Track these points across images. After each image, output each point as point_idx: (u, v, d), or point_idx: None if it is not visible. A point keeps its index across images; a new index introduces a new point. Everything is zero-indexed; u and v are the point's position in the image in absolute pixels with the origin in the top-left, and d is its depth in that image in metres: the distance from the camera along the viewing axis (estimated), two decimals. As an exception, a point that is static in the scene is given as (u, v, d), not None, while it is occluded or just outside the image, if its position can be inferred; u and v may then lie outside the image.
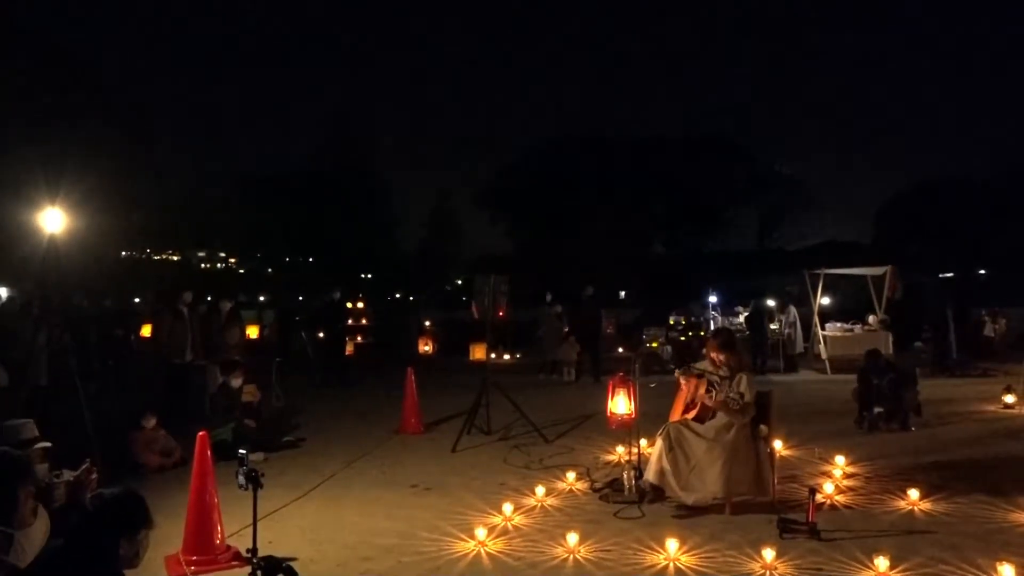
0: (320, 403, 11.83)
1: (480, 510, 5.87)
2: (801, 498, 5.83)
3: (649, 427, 6.87)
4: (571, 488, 6.48)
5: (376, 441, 8.74)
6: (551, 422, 9.61)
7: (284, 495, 6.36)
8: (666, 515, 5.68)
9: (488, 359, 10.29)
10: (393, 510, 6.00)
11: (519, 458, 7.76)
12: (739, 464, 5.57)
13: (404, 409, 9.40)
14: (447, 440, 8.51)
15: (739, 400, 5.65)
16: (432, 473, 7.20)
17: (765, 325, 15.40)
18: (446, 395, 12.09)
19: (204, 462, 4.97)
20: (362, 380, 14.52)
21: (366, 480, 7.00)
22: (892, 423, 8.87)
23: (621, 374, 6.54)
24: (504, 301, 9.15)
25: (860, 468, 6.96)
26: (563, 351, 14.93)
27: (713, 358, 6.01)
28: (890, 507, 5.77)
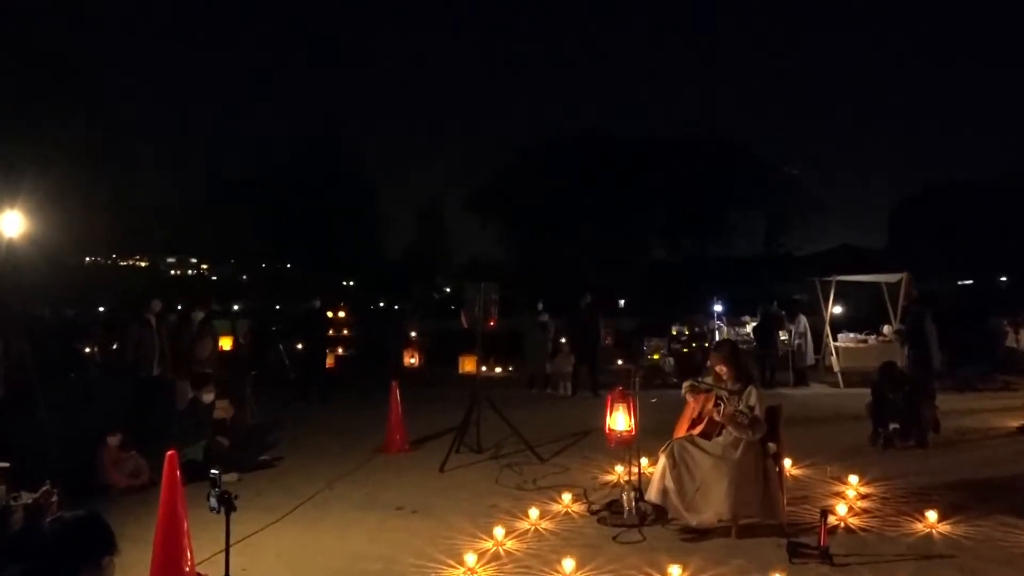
0: (298, 419, 11.78)
1: (470, 534, 5.85)
2: (812, 520, 5.83)
3: (650, 445, 6.87)
4: (567, 510, 6.47)
5: (358, 460, 8.70)
6: (546, 440, 9.59)
7: (259, 518, 6.32)
8: (668, 538, 5.68)
9: (478, 372, 10.29)
10: (376, 534, 5.98)
11: (511, 478, 7.74)
12: (747, 483, 5.57)
13: (388, 426, 9.37)
14: (434, 459, 8.48)
15: (748, 415, 5.65)
16: (418, 494, 7.17)
17: (775, 335, 15.42)
18: (433, 411, 12.06)
19: (173, 483, 4.93)
20: (343, 395, 14.47)
21: (347, 502, 6.97)
22: (908, 440, 8.88)
23: (620, 388, 6.54)
24: (495, 310, 9.15)
25: (875, 488, 6.97)
26: (556, 364, 14.93)
27: (718, 372, 6.02)
28: (907, 530, 5.78)
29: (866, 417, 9.39)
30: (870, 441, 9.04)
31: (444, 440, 9.33)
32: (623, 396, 6.43)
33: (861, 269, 17.39)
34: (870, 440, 9.05)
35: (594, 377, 14.44)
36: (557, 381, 14.95)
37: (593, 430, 9.74)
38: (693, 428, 5.99)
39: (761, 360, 15.23)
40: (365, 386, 15.29)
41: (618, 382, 7.13)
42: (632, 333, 23.52)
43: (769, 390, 13.93)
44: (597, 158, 43.99)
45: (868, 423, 9.27)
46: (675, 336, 18.53)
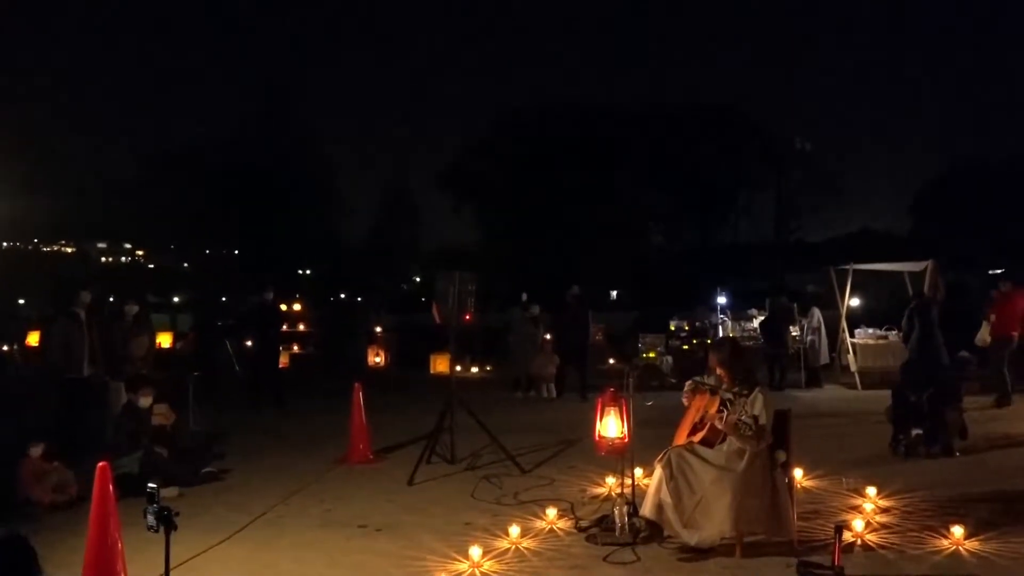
0: (248, 427, 11.75)
1: (442, 555, 5.87)
2: (825, 537, 5.88)
3: (645, 453, 6.90)
4: (552, 527, 6.49)
5: (316, 473, 8.69)
6: (528, 448, 9.61)
7: (204, 538, 6.30)
8: (665, 558, 5.71)
9: (452, 373, 10.26)
10: (337, 556, 5.97)
11: (489, 492, 7.76)
12: (752, 497, 5.61)
13: (350, 434, 9.36)
14: (402, 471, 8.48)
15: (752, 425, 5.66)
16: (384, 511, 7.17)
17: (785, 331, 15.53)
18: (401, 416, 12.04)
19: (105, 499, 4.90)
20: (299, 398, 14.42)
21: (304, 520, 6.96)
22: (933, 447, 8.97)
23: (612, 390, 6.56)
24: (471, 303, 9.15)
25: (895, 501, 7.04)
26: (538, 364, 14.96)
27: (718, 375, 6.05)
28: (931, 547, 5.84)
29: (886, 422, 9.49)
30: (890, 448, 9.13)
31: (413, 449, 9.32)
32: (615, 399, 6.45)
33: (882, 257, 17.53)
34: (890, 447, 9.14)
35: (583, 378, 14.50)
36: (539, 383, 14.99)
37: (581, 438, 9.77)
38: (694, 435, 6.01)
39: (770, 359, 15.36)
40: (324, 388, 15.24)
41: (609, 383, 7.15)
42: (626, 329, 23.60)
43: (778, 392, 14.07)
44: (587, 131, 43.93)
45: (888, 428, 9.36)
46: (674, 332, 18.61)
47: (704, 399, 6.04)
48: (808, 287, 20.80)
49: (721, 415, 5.85)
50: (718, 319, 18.96)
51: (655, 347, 17.13)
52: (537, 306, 15.87)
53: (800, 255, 42.66)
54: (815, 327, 16.01)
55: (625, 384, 6.74)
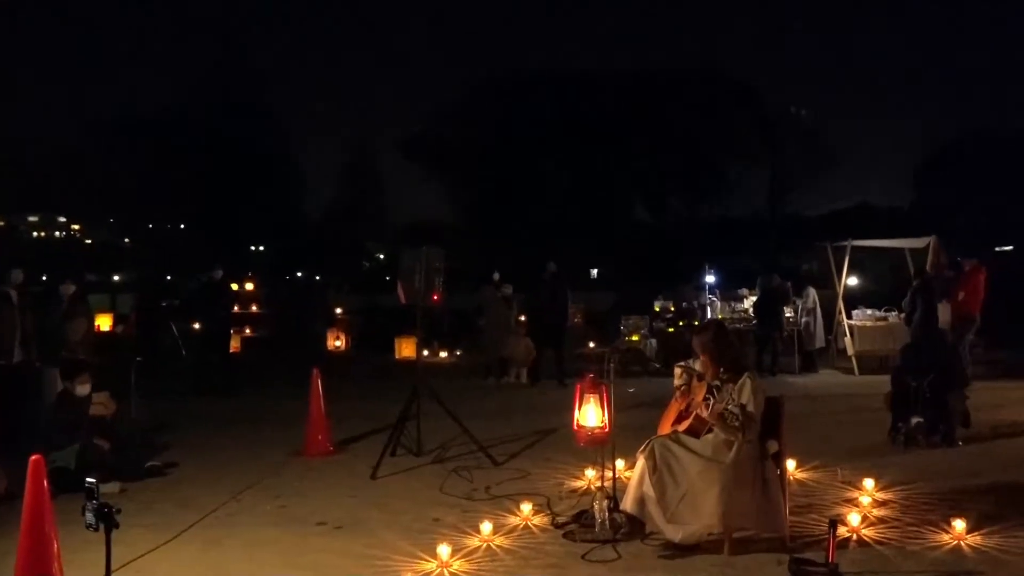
0: (196, 416, 11.69)
1: (408, 554, 5.87)
2: (820, 532, 5.96)
3: (627, 444, 6.94)
4: (526, 524, 6.52)
5: (271, 466, 8.66)
6: (501, 439, 9.64)
7: (149, 538, 6.27)
8: (648, 556, 5.75)
9: (419, 357, 10.27)
10: (294, 556, 5.97)
11: (459, 486, 7.78)
12: (742, 490, 5.64)
13: (308, 424, 9.34)
14: (365, 464, 8.48)
15: (738, 415, 5.67)
16: (345, 507, 7.17)
17: (778, 312, 15.57)
18: (364, 405, 12.02)
19: (39, 496, 4.87)
20: (252, 385, 14.38)
21: (258, 517, 6.94)
22: (934, 436, 9.07)
23: (592, 376, 6.57)
24: (440, 282, 9.12)
25: (894, 494, 7.13)
26: (510, 346, 14.97)
27: (702, 361, 6.07)
28: (931, 542, 5.92)
29: (885, 409, 9.58)
30: (889, 438, 9.23)
31: (377, 440, 9.32)
32: (595, 386, 6.45)
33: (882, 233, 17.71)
34: (889, 437, 9.24)
35: (560, 363, 14.53)
36: (512, 368, 15.01)
37: (558, 427, 9.79)
38: (679, 424, 6.04)
39: (762, 343, 15.44)
40: (279, 375, 15.18)
41: (589, 369, 7.18)
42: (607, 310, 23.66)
43: (771, 378, 14.16)
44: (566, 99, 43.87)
45: (887, 416, 9.46)
46: (658, 313, 18.69)
47: (702, 388, 6.03)
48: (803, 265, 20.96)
49: (707, 403, 5.87)
50: (706, 299, 19.01)
51: (638, 330, 17.18)
52: (510, 285, 15.87)
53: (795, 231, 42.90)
54: (810, 308, 16.12)
55: (606, 369, 6.77)
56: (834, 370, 15.75)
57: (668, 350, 15.92)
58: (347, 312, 23.33)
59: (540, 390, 14.13)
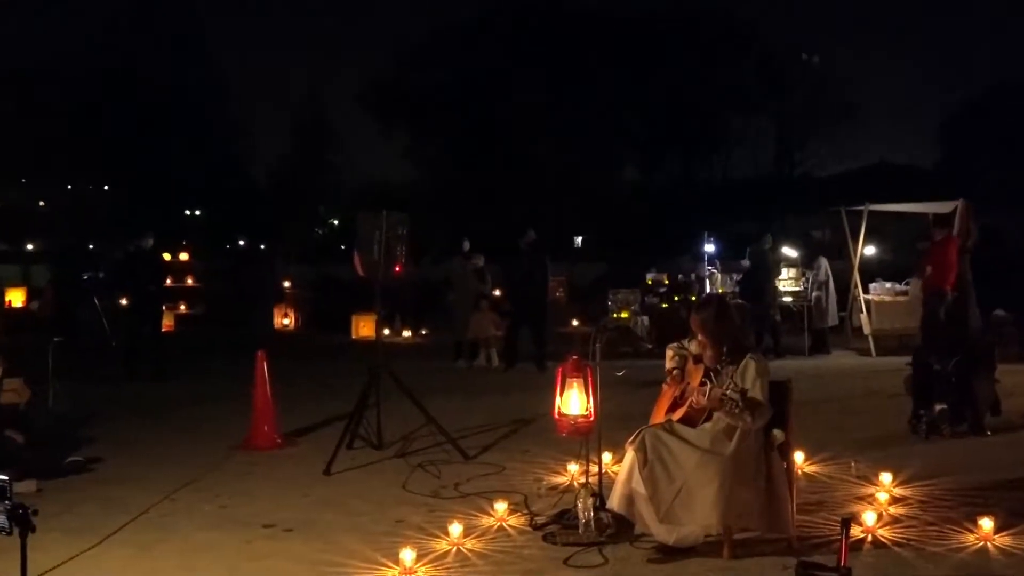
0: (124, 405, 11.63)
1: (367, 560, 5.89)
2: (831, 533, 6.01)
3: (615, 434, 6.97)
4: (501, 525, 6.54)
5: (210, 461, 8.64)
6: (472, 429, 9.67)
7: (70, 543, 6.25)
8: (638, 561, 5.78)
9: (379, 337, 10.23)
10: (237, 562, 5.97)
11: (425, 482, 7.79)
12: (743, 485, 5.66)
13: (253, 413, 9.32)
14: (318, 458, 8.47)
15: (738, 401, 5.61)
16: (295, 507, 7.18)
17: (768, 285, 15.54)
18: (316, 391, 12.02)
19: (-57, 495, 4.83)
20: (188, 370, 14.33)
21: (196, 519, 6.93)
22: (960, 425, 9.15)
23: (575, 358, 6.59)
24: (402, 251, 9.10)
25: (914, 489, 7.19)
26: (477, 324, 14.97)
27: (700, 341, 6.07)
28: (955, 543, 5.98)
29: (904, 395, 9.67)
30: (909, 427, 9.29)
31: (331, 431, 9.31)
32: (578, 369, 6.48)
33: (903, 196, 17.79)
34: (909, 425, 9.30)
35: (540, 344, 14.54)
36: (481, 349, 15.04)
37: (538, 416, 9.83)
38: (673, 412, 6.06)
39: (759, 321, 15.45)
40: (219, 357, 15.14)
41: (572, 350, 7.18)
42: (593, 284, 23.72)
43: (776, 360, 14.21)
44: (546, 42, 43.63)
45: (907, 402, 9.53)
46: (651, 287, 18.76)
47: (698, 372, 6.03)
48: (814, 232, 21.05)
49: (703, 388, 5.84)
50: (705, 271, 19.11)
51: (628, 305, 17.25)
52: (482, 256, 15.86)
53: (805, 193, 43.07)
54: (822, 281, 16.18)
55: (591, 350, 6.77)
56: (848, 351, 15.87)
57: (661, 329, 15.99)
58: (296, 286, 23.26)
59: (517, 374, 14.16)
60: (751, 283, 15.77)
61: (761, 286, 15.53)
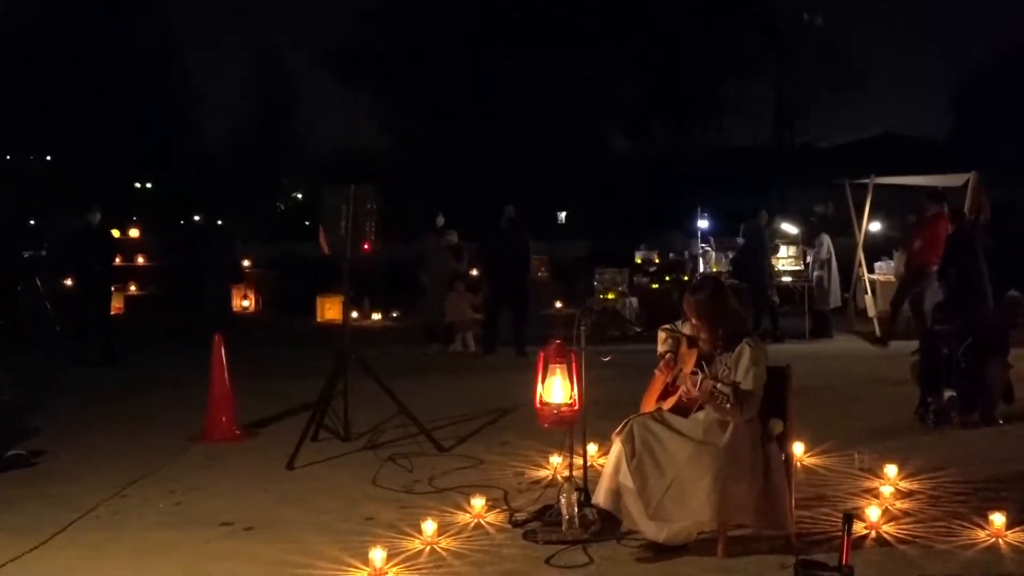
0: (71, 394, 11.63)
1: (334, 560, 5.89)
2: (832, 529, 6.07)
3: (601, 424, 6.99)
4: (479, 522, 6.56)
5: (164, 454, 8.62)
6: (448, 419, 9.70)
7: (13, 543, 6.23)
8: (625, 560, 5.80)
9: (347, 321, 10.23)
10: (193, 563, 5.96)
11: (396, 477, 7.81)
12: (739, 479, 5.68)
13: (209, 402, 9.30)
14: (280, 451, 8.48)
15: (729, 396, 5.61)
16: (256, 504, 7.18)
17: (764, 263, 15.57)
18: (278, 379, 12.01)
19: None
20: (139, 355, 14.30)
21: (149, 517, 6.92)
22: (970, 414, 9.22)
23: (558, 342, 6.60)
24: (371, 228, 9.08)
25: (921, 482, 7.25)
26: (452, 307, 14.96)
27: (694, 325, 6.05)
28: (964, 539, 6.03)
29: (912, 381, 9.73)
30: (916, 416, 9.37)
31: (295, 422, 9.32)
32: (562, 354, 6.49)
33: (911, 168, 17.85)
34: (916, 414, 9.39)
35: (520, 327, 14.55)
36: (456, 332, 15.04)
37: (518, 405, 9.84)
38: (664, 400, 6.08)
39: (754, 302, 15.47)
40: (173, 342, 15.09)
41: (555, 333, 7.18)
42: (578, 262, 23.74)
43: (773, 346, 14.26)
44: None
45: (915, 390, 9.60)
46: (640, 266, 18.81)
47: (692, 357, 6.00)
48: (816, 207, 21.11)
49: (694, 379, 5.82)
50: (698, 249, 19.14)
51: (615, 286, 17.27)
52: (457, 232, 15.83)
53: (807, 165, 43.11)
54: (824, 259, 16.25)
55: (576, 334, 6.77)
56: (852, 335, 15.94)
57: (651, 311, 16.02)
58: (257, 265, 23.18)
59: (496, 360, 14.18)
60: (745, 262, 15.78)
61: (756, 265, 15.55)
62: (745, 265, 15.75)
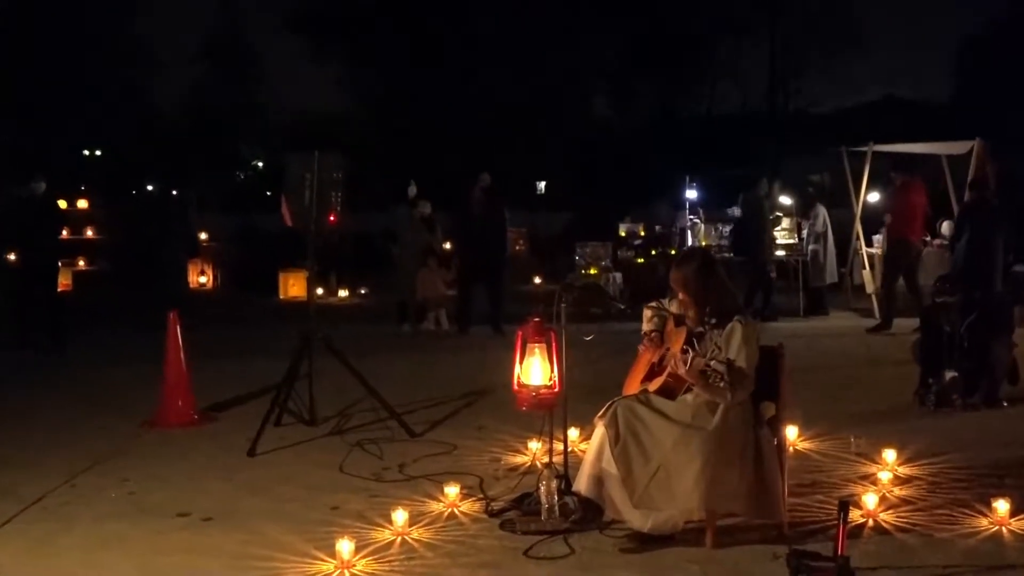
0: (15, 376, 11.60)
1: (298, 552, 5.89)
2: (826, 518, 6.10)
3: (583, 407, 7.00)
4: (453, 511, 6.58)
5: (116, 440, 8.61)
6: (420, 403, 9.71)
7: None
8: (608, 551, 5.82)
9: (311, 298, 10.20)
10: (149, 556, 5.95)
11: (365, 463, 7.81)
12: (729, 465, 5.68)
13: (164, 385, 9.29)
14: (240, 436, 8.48)
15: (724, 375, 5.63)
16: (215, 493, 7.17)
17: (764, 236, 15.60)
18: (238, 360, 11.99)
19: None
20: (88, 335, 14.27)
21: (100, 507, 6.90)
22: (973, 396, 9.28)
23: (537, 321, 6.60)
24: (338, 198, 9.06)
25: (920, 468, 7.30)
26: (424, 283, 14.94)
27: (682, 300, 6.06)
28: (965, 527, 6.08)
29: (911, 361, 9.77)
30: (916, 398, 9.43)
31: (255, 406, 9.33)
32: (541, 333, 6.50)
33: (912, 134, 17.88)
34: (916, 396, 9.44)
35: (497, 304, 14.55)
36: (428, 310, 15.03)
37: (494, 387, 9.86)
38: (650, 381, 6.09)
39: (752, 279, 15.52)
40: (125, 321, 15.03)
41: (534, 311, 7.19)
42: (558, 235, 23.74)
43: (765, 324, 14.30)
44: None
45: (915, 370, 9.64)
46: (624, 239, 18.81)
47: (679, 335, 6.01)
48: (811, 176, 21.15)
49: (685, 357, 5.79)
50: (686, 221, 19.16)
51: (598, 260, 17.30)
52: (429, 203, 15.79)
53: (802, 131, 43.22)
54: (819, 232, 16.26)
55: (555, 312, 6.77)
56: (849, 312, 16.01)
57: (636, 287, 16.06)
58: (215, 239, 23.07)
59: (471, 339, 14.19)
60: (744, 235, 15.78)
61: (756, 239, 15.56)
62: (744, 239, 15.74)
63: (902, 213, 13.77)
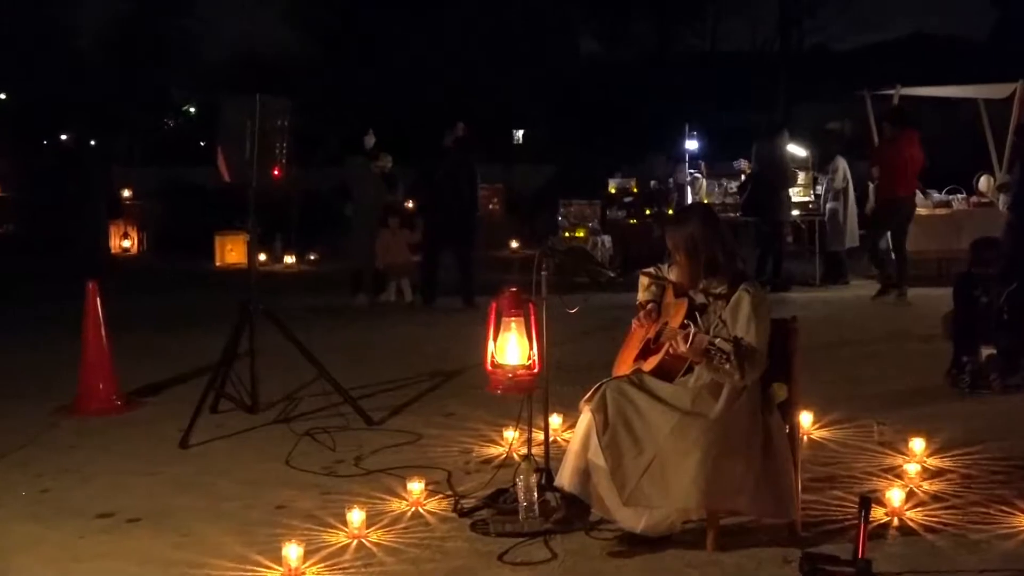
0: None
1: (238, 558, 5.90)
2: (845, 516, 6.14)
3: (567, 391, 7.03)
4: (416, 510, 6.60)
5: (27, 430, 8.60)
6: (378, 385, 9.74)
7: None
8: (595, 555, 5.83)
9: (253, 265, 10.17)
10: (66, 562, 5.95)
11: (315, 456, 7.83)
12: (733, 456, 5.69)
13: (83, 366, 9.28)
14: (171, 425, 8.49)
15: (730, 354, 5.57)
16: (142, 490, 7.18)
17: (783, 193, 15.59)
18: (168, 336, 11.97)
19: None
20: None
21: (9, 507, 6.90)
22: (1012, 377, 9.32)
23: (513, 290, 6.62)
24: (283, 149, 9.03)
25: (952, 459, 7.34)
26: (383, 246, 14.91)
27: (680, 265, 6.01)
28: (1002, 527, 6.11)
29: (943, 337, 9.81)
30: (948, 379, 9.48)
31: (188, 390, 9.33)
32: (518, 305, 6.51)
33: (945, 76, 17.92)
34: (948, 377, 9.49)
35: (467, 272, 14.56)
36: (389, 279, 15.02)
37: (465, 367, 9.90)
38: (644, 360, 6.09)
39: (764, 241, 15.54)
40: (37, 291, 15.00)
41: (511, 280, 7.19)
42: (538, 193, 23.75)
43: (776, 294, 14.36)
44: None
45: (946, 347, 9.68)
46: (615, 197, 18.82)
47: (679, 308, 6.00)
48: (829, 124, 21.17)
49: (686, 332, 5.70)
50: (685, 176, 19.18)
51: (584, 221, 17.32)
52: (388, 156, 15.75)
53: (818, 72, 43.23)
54: (839, 188, 16.27)
55: (535, 281, 6.77)
56: (871, 280, 16.05)
57: (628, 252, 16.08)
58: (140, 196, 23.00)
59: (438, 312, 14.20)
60: (758, 192, 15.66)
61: (772, 197, 15.52)
62: (758, 198, 15.65)
63: (892, 168, 13.76)
